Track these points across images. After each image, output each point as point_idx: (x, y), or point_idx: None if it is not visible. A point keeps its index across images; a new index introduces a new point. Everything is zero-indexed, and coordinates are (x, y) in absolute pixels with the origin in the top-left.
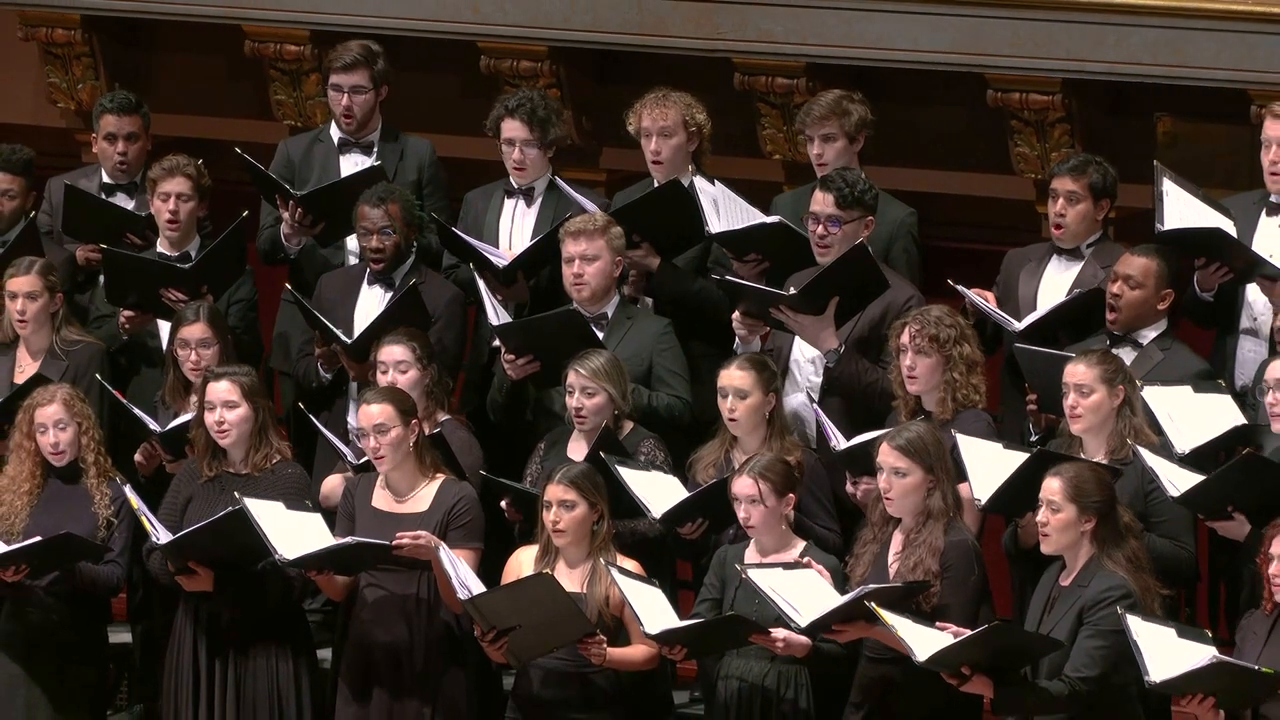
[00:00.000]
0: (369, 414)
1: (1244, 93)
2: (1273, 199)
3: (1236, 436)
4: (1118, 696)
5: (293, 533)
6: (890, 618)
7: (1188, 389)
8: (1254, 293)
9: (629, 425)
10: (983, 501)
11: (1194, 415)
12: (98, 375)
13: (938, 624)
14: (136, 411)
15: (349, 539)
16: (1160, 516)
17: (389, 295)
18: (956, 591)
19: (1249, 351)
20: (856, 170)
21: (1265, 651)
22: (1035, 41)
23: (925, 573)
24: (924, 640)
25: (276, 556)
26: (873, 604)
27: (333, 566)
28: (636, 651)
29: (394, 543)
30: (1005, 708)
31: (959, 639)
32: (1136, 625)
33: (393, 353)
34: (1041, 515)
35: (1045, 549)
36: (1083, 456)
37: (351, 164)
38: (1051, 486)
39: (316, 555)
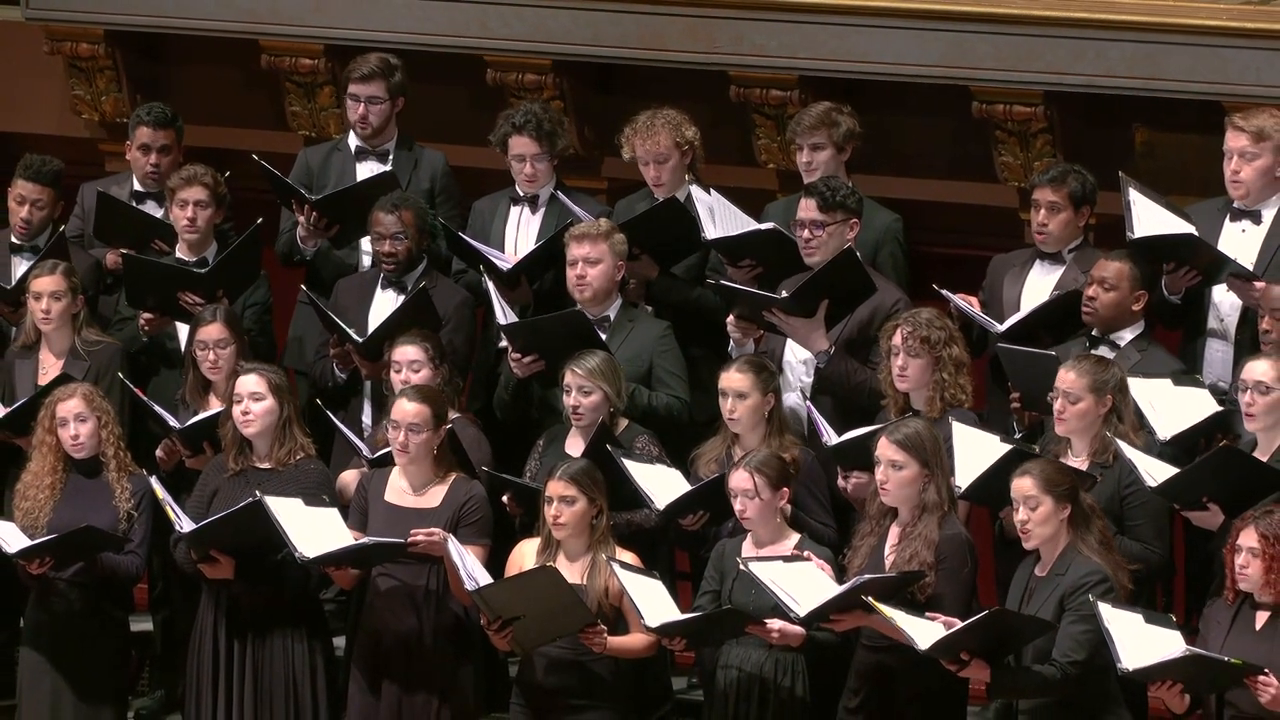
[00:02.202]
0: (405, 410)
1: (1217, 104)
2: (1235, 205)
3: (1217, 423)
4: (1100, 676)
5: (312, 530)
6: (889, 610)
7: (1168, 381)
8: (1219, 295)
9: (623, 422)
10: (962, 489)
11: (1174, 405)
12: (119, 374)
13: (927, 614)
14: (157, 408)
15: (366, 539)
16: (1134, 520)
17: (402, 299)
18: (950, 582)
19: (1216, 352)
20: (839, 177)
21: (1230, 639)
22: (1018, 55)
23: (920, 564)
24: (922, 630)
25: (297, 555)
26: (869, 598)
27: (350, 563)
28: (635, 640)
29: (409, 540)
30: (1001, 690)
31: (961, 626)
32: (1108, 613)
33: (407, 353)
34: (1021, 514)
35: (1029, 545)
36: (1071, 456)
37: (368, 172)
38: (1024, 485)
39: (335, 554)
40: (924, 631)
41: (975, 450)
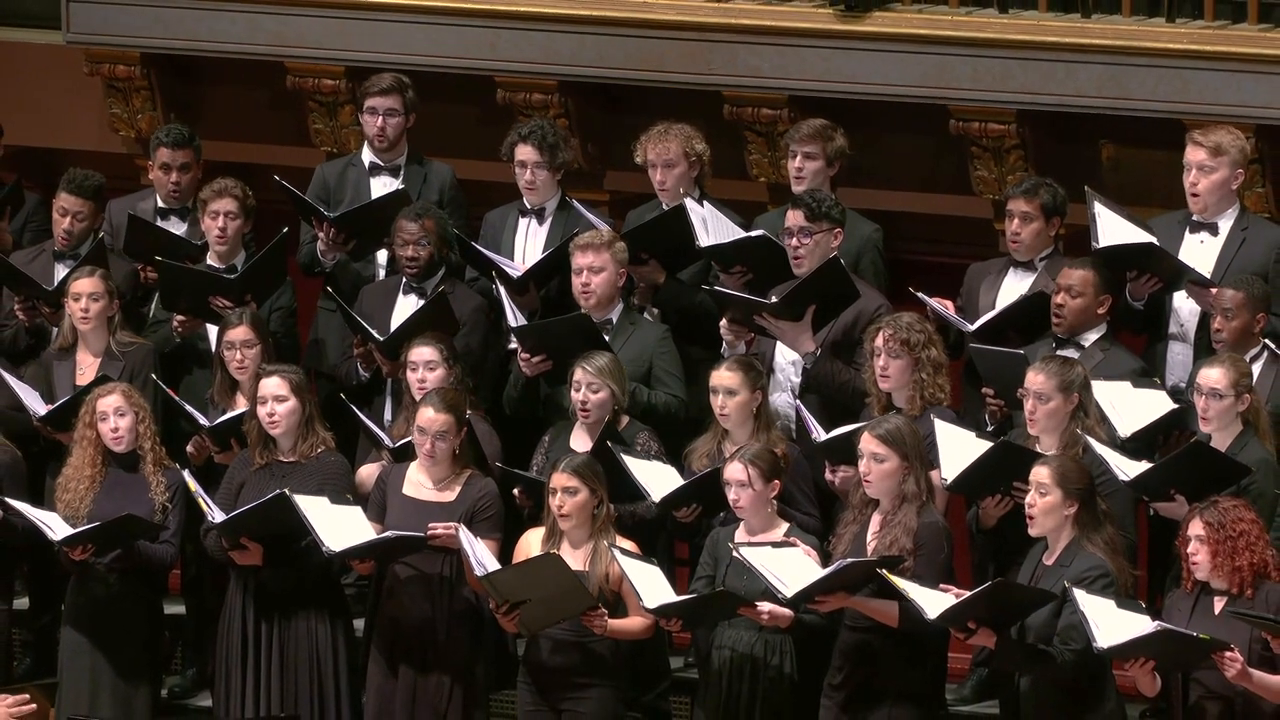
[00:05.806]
0: (431, 419)
1: (1179, 122)
2: (1195, 218)
3: (1173, 421)
4: (1097, 661)
5: (337, 525)
6: (901, 583)
7: (1127, 384)
8: (1179, 300)
9: (625, 419)
10: (948, 481)
11: (1133, 405)
12: (152, 375)
13: (941, 586)
14: (187, 407)
15: (389, 533)
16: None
17: (422, 304)
18: (928, 566)
19: (1177, 355)
20: (823, 189)
21: (1192, 625)
22: (993, 77)
23: (900, 550)
24: (931, 600)
25: (324, 549)
26: (884, 571)
27: (373, 556)
28: (634, 623)
29: (429, 533)
30: (1004, 658)
31: (968, 595)
32: (1082, 597)
33: (422, 353)
34: (1029, 499)
35: (1032, 531)
36: (1037, 449)
37: (381, 186)
38: (1040, 473)
39: (359, 547)
40: (933, 601)
41: (957, 445)
